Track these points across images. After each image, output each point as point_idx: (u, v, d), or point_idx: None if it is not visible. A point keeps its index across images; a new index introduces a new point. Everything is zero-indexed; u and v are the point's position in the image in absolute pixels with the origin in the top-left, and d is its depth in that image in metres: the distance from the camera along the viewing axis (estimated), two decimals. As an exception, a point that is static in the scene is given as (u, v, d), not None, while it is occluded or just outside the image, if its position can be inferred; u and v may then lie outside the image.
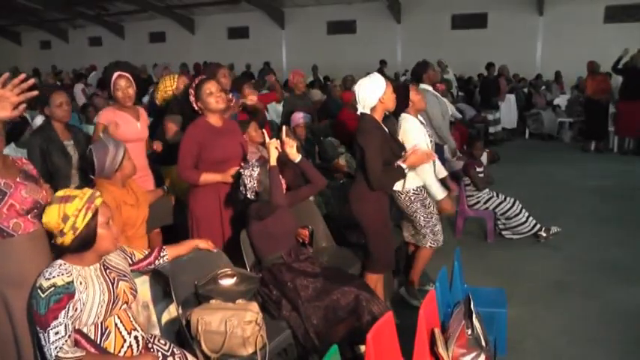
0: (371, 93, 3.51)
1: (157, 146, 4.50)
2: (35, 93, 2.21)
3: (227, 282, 2.93)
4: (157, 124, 4.95)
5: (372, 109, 3.56)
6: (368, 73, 12.99)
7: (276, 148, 3.25)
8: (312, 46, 20.95)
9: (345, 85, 10.71)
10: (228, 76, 5.09)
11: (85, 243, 2.18)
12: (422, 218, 4.16)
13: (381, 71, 11.90)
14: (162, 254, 2.80)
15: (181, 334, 2.93)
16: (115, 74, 4.08)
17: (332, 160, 5.73)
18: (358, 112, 3.60)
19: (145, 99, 8.39)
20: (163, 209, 4.12)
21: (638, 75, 10.11)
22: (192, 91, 3.60)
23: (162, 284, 3.25)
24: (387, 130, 3.65)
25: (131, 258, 2.61)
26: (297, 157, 3.40)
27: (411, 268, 4.45)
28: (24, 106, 2.22)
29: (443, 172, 4.67)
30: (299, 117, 5.53)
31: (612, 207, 7.04)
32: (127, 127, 4.10)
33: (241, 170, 3.35)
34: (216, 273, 2.95)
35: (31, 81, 2.20)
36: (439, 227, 4.24)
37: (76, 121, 8.16)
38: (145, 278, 3.18)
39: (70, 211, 2.17)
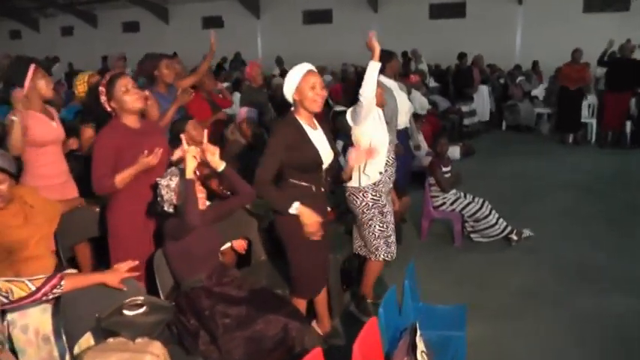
0: (286, 87, 3.08)
1: (73, 143, 4.03)
2: None
3: (134, 313, 2.51)
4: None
5: (294, 105, 3.13)
6: (344, 64, 12.47)
7: (195, 157, 2.80)
8: (287, 35, 20.47)
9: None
10: (172, 68, 4.64)
11: None
12: (377, 227, 3.76)
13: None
14: (54, 290, 2.36)
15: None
16: (31, 69, 3.60)
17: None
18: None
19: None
20: (85, 221, 3.69)
21: (623, 66, 9.82)
22: (102, 90, 3.12)
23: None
24: (312, 132, 3.15)
25: (7, 297, 2.17)
26: (220, 166, 2.97)
27: (361, 281, 4.07)
28: None
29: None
30: (243, 112, 5.10)
31: (589, 205, 6.70)
32: (44, 129, 3.65)
33: (158, 179, 2.92)
34: (122, 302, 2.54)
35: None
36: (394, 238, 3.84)
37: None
38: (46, 306, 2.75)
39: None
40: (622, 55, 10.00)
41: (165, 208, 2.86)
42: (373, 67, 3.46)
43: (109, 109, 3.15)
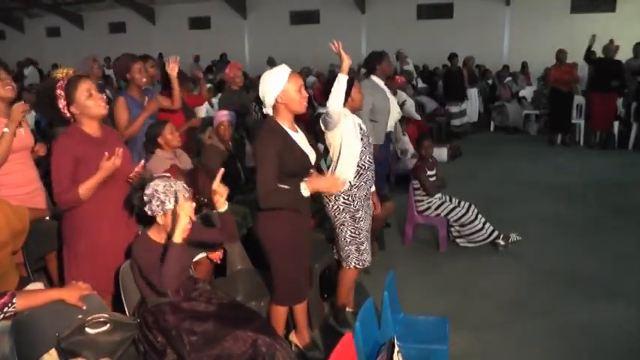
0: (267, 90, 2.94)
1: (39, 149, 3.83)
2: None
3: (97, 331, 2.38)
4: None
5: (274, 109, 3.01)
6: (332, 65, 12.27)
7: (190, 216, 2.57)
8: (274, 36, 20.39)
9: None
10: (144, 72, 4.48)
11: None
12: (349, 232, 3.64)
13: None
14: (5, 309, 2.22)
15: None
16: None
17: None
18: (267, 113, 3.06)
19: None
20: (54, 231, 3.52)
21: (609, 66, 9.77)
22: (61, 93, 2.89)
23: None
24: (295, 136, 3.06)
25: None
26: (222, 207, 2.88)
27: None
28: None
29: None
30: (222, 115, 4.98)
31: (579, 208, 6.58)
32: None
33: (155, 184, 2.70)
34: (83, 320, 2.39)
35: None
36: (366, 246, 3.70)
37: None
38: (5, 325, 2.60)
39: None
40: (606, 55, 9.94)
41: (146, 209, 2.68)
42: (341, 81, 3.37)
43: (67, 114, 2.94)
